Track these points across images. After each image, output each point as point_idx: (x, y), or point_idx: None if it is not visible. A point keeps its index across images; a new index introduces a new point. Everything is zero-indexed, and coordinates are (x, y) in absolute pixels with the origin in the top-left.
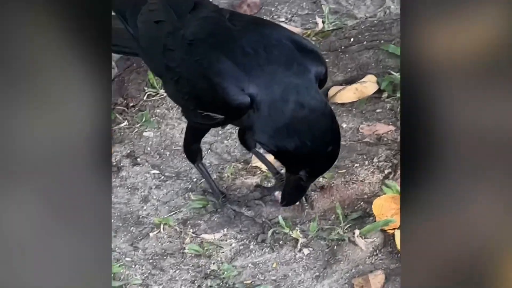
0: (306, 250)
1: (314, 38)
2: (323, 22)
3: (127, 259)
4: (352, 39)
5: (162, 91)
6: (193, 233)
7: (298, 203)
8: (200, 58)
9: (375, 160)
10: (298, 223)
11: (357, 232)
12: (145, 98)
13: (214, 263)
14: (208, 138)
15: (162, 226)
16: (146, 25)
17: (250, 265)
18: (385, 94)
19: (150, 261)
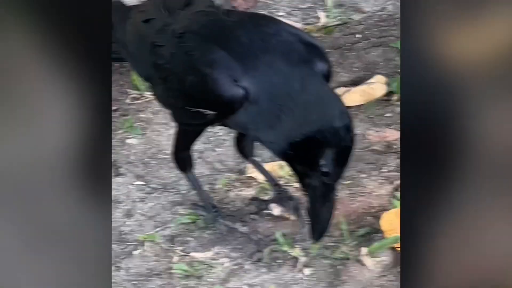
0: (307, 270)
1: (316, 34)
2: (327, 16)
3: None
4: (358, 35)
5: (147, 94)
6: (181, 251)
7: (297, 218)
8: (190, 50)
9: (384, 170)
10: (298, 240)
11: (364, 250)
12: (128, 102)
13: (204, 285)
14: (198, 146)
15: (147, 243)
16: (135, 26)
17: (244, 287)
18: (395, 97)
19: (134, 282)
